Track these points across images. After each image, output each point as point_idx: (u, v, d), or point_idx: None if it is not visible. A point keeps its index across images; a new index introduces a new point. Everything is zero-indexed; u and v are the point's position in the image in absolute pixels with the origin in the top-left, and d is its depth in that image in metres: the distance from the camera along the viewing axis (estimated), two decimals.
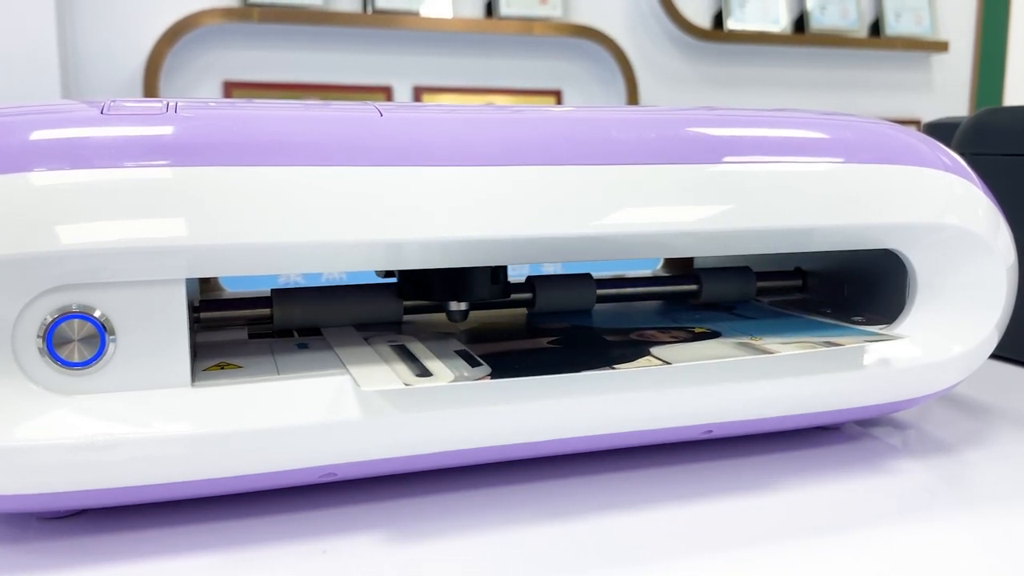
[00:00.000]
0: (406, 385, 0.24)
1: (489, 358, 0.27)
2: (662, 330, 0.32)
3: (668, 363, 0.27)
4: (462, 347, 0.29)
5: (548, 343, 0.30)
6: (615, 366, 0.26)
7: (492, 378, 0.25)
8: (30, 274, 0.22)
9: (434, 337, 0.30)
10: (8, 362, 0.22)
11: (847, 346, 0.29)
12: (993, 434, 0.33)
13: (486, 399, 0.26)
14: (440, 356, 0.28)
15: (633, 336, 0.31)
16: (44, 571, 0.22)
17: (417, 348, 0.29)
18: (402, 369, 0.26)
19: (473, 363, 0.27)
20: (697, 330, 0.32)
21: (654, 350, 0.28)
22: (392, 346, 0.29)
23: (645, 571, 0.23)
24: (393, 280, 0.33)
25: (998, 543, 0.25)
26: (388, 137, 0.25)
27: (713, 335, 0.31)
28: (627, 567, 0.23)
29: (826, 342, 0.29)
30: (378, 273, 0.33)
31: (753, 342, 0.30)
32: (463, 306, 0.32)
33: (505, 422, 0.26)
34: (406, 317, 0.33)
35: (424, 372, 0.26)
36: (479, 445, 0.26)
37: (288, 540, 0.24)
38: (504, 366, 0.26)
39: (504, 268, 0.32)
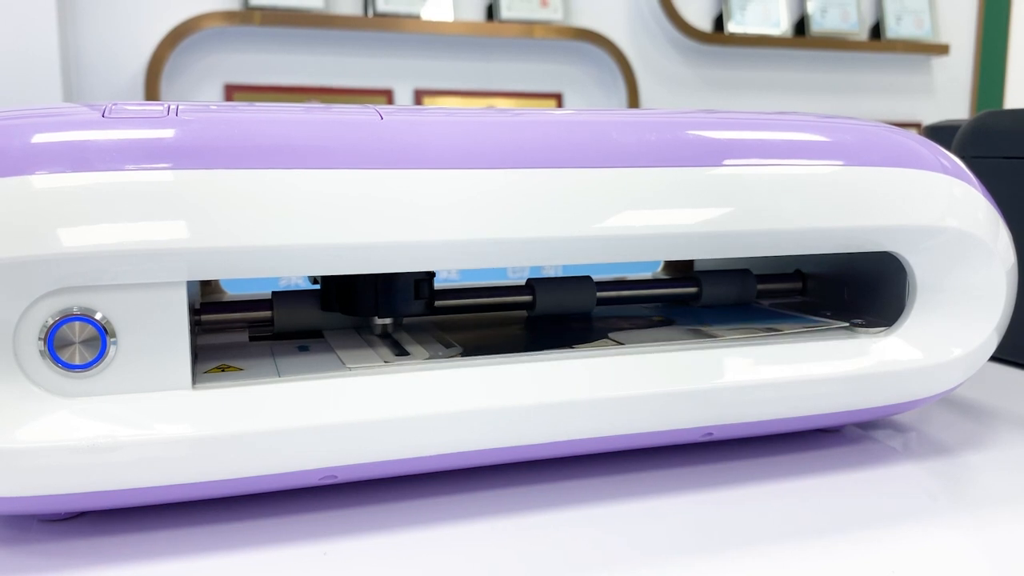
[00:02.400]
0: (385, 362, 0.27)
1: (463, 343, 0.30)
2: (623, 318, 0.35)
3: (622, 344, 0.29)
4: (440, 334, 0.32)
5: (518, 330, 0.33)
6: (574, 346, 0.29)
7: (463, 356, 0.28)
8: (31, 276, 0.22)
9: (422, 331, 0.32)
10: (9, 364, 0.22)
11: (785, 332, 0.31)
12: (993, 436, 0.33)
13: (484, 398, 0.26)
14: (421, 342, 0.30)
15: (595, 324, 0.33)
16: (45, 573, 0.22)
17: (403, 339, 0.30)
18: (385, 352, 0.29)
19: (449, 347, 0.30)
20: (655, 319, 0.35)
21: (612, 334, 0.31)
22: (381, 336, 0.31)
23: (643, 571, 0.23)
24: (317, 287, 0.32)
25: (999, 546, 0.25)
26: (389, 140, 0.25)
27: (668, 322, 0.34)
28: (627, 568, 0.23)
29: (768, 328, 0.32)
30: (310, 279, 0.33)
31: (702, 328, 0.32)
32: (386, 321, 0.31)
33: (504, 424, 0.26)
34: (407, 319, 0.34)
35: (403, 354, 0.28)
36: (479, 447, 0.26)
37: (288, 542, 0.24)
38: (475, 348, 0.29)
39: (430, 281, 0.31)
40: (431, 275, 0.31)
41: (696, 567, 0.23)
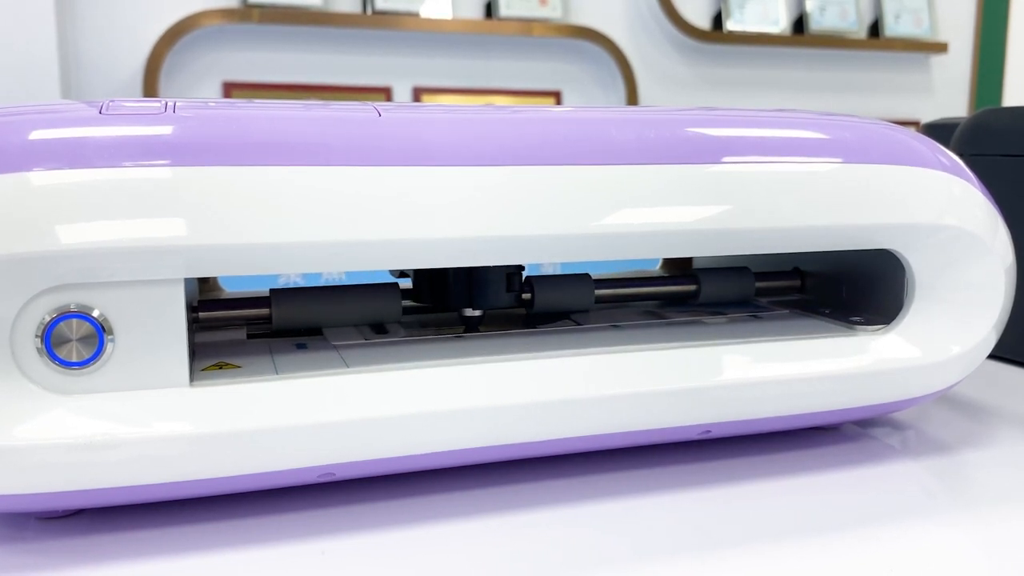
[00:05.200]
0: (365, 340, 0.29)
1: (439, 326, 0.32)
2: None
3: (579, 324, 0.32)
4: (420, 317, 0.34)
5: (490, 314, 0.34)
6: (538, 327, 0.32)
7: (436, 335, 0.30)
8: (29, 274, 0.22)
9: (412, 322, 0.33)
10: (6, 362, 0.22)
11: (732, 314, 0.34)
12: (991, 434, 0.33)
13: (482, 396, 0.26)
14: (403, 326, 0.32)
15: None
16: (42, 571, 0.22)
17: (391, 326, 0.32)
18: (369, 333, 0.31)
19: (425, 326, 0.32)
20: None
21: (574, 316, 0.34)
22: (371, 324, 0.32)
23: (640, 569, 0.23)
24: (396, 280, 0.33)
25: (997, 544, 0.25)
26: (387, 137, 0.25)
27: (624, 304, 0.37)
28: (625, 565, 0.23)
29: (713, 311, 0.35)
30: (392, 272, 0.34)
31: (655, 310, 0.35)
32: (476, 312, 0.32)
33: (503, 421, 0.26)
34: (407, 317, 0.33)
35: (384, 332, 0.31)
36: (477, 445, 0.26)
37: (286, 540, 0.24)
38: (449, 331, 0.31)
39: (519, 274, 0.32)
40: (521, 268, 0.32)
41: (693, 565, 0.23)
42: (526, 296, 0.34)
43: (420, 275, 0.32)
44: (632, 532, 0.25)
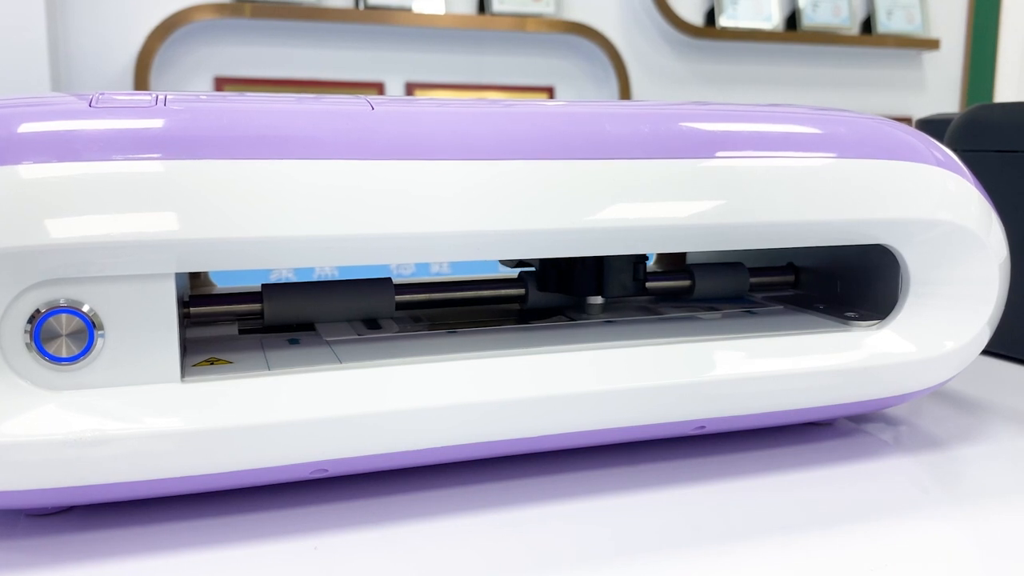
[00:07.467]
0: (358, 335, 0.29)
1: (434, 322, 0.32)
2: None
3: (573, 320, 0.32)
4: (411, 313, 0.34)
5: (485, 311, 0.34)
6: (531, 322, 0.32)
7: (430, 330, 0.30)
8: (18, 268, 0.21)
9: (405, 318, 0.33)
10: None
11: (726, 310, 0.34)
12: (985, 430, 0.33)
13: (475, 392, 0.26)
14: (396, 321, 0.32)
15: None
16: (33, 568, 0.22)
17: (385, 321, 0.32)
18: (362, 329, 0.30)
19: (418, 321, 0.32)
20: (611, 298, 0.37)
21: (568, 312, 0.34)
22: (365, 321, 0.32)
23: (638, 565, 0.23)
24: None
25: (990, 539, 0.25)
26: (379, 131, 0.24)
27: (619, 302, 0.36)
28: (621, 561, 0.23)
29: (709, 307, 0.35)
30: (507, 263, 0.35)
31: (649, 305, 0.35)
32: (599, 301, 0.33)
33: (496, 417, 0.26)
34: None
35: (376, 328, 0.31)
36: (470, 441, 0.26)
37: (278, 537, 0.24)
38: (443, 326, 0.31)
39: (643, 263, 0.32)
40: (644, 258, 0.33)
41: (688, 560, 0.23)
42: (519, 291, 0.34)
43: (546, 264, 0.33)
44: (628, 528, 0.25)
